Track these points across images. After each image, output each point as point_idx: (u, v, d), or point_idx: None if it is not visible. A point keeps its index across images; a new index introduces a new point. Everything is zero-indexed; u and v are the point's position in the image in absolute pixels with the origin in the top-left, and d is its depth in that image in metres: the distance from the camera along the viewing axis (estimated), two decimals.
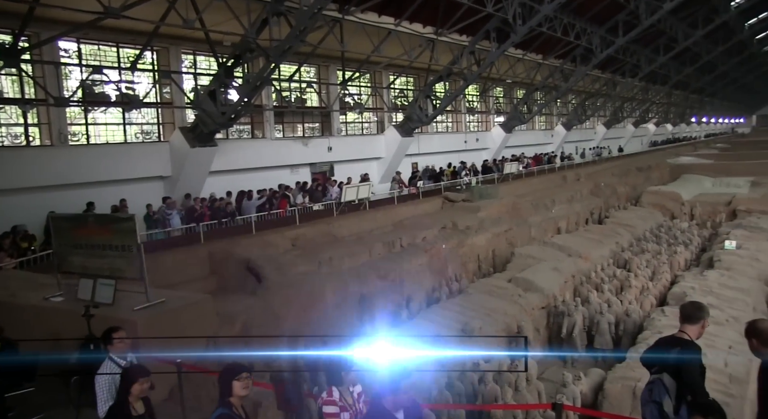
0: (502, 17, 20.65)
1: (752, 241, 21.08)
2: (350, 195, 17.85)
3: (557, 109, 37.81)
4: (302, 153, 20.77)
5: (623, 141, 48.00)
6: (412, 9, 18.96)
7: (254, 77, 15.49)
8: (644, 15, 26.13)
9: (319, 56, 20.36)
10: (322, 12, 14.84)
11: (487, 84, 29.29)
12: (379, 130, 24.75)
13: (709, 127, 76.17)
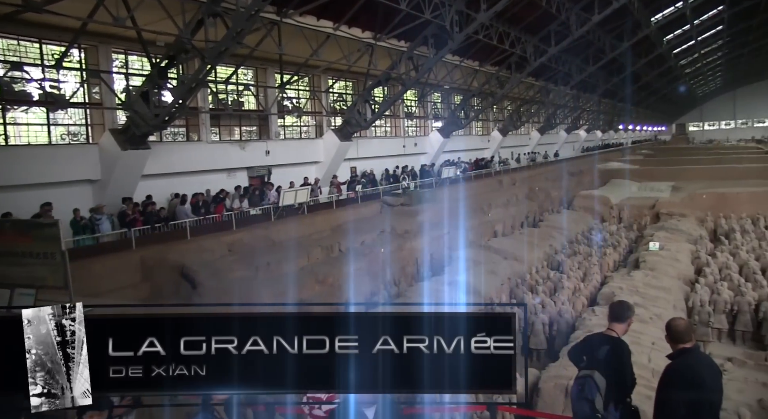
0: (439, 24, 20.91)
1: (673, 243, 22.15)
2: (289, 199, 17.65)
3: (493, 115, 38.62)
4: (239, 156, 20.35)
5: (556, 146, 49.50)
6: (351, 13, 18.95)
7: (189, 79, 15.07)
8: (575, 26, 27.11)
9: (257, 59, 20.04)
10: (259, 14, 14.62)
11: (425, 89, 29.59)
12: (318, 134, 24.58)
13: (635, 134, 79.59)
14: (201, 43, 14.37)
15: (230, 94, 20.95)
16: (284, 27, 17.78)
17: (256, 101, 21.50)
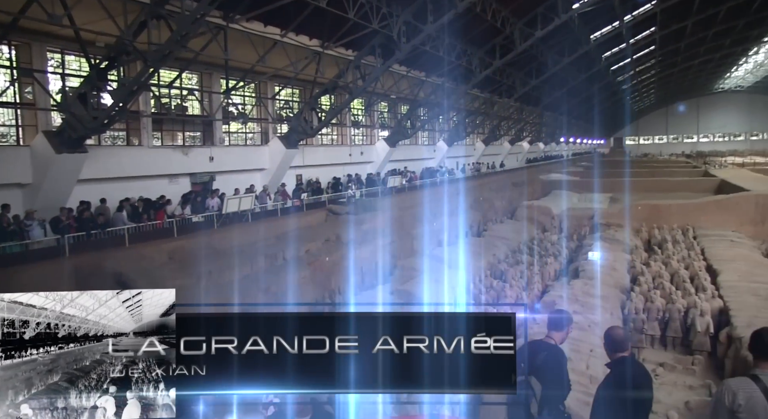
0: (387, 34, 21.11)
1: (611, 252, 22.92)
2: (232, 206, 17.37)
3: (439, 125, 39.16)
4: (182, 162, 19.89)
5: (500, 157, 50.55)
6: (298, 21, 18.89)
7: (130, 81, 14.66)
8: (519, 41, 27.88)
9: (202, 63, 19.70)
10: (205, 18, 14.41)
11: (372, 98, 29.76)
12: (264, 141, 24.31)
13: (575, 146, 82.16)
14: (143, 46, 14.00)
15: (174, 99, 20.50)
16: (230, 32, 17.55)
17: (201, 106, 21.11)
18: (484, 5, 23.85)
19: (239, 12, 17.03)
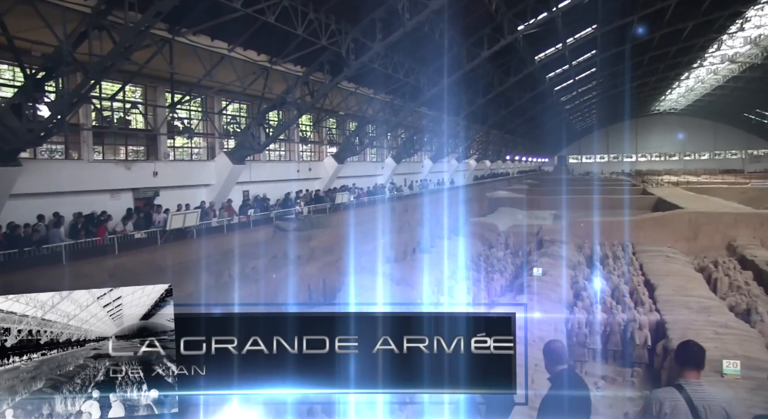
0: (335, 51, 21.22)
1: (555, 268, 23.45)
2: (177, 222, 16.99)
3: (388, 142, 39.44)
4: (124, 177, 19.34)
5: (448, 174, 51.20)
6: (246, 36, 18.80)
7: (70, 93, 14.22)
8: (465, 60, 28.48)
9: (147, 76, 19.26)
10: (150, 30, 14.16)
11: (320, 115, 29.76)
12: (210, 156, 23.91)
13: (521, 164, 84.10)
14: (84, 56, 13.63)
15: (116, 112, 19.95)
16: (176, 45, 17.32)
17: (145, 120, 20.63)
18: (432, 25, 24.28)
19: (186, 25, 16.84)
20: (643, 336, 16.85)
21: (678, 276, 21.70)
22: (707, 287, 21.18)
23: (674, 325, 16.09)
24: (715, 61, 60.53)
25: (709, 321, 16.15)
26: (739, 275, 22.88)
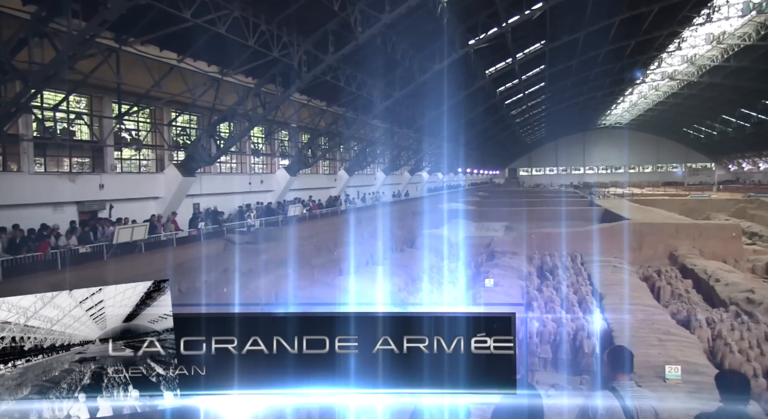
0: (287, 63, 21.14)
1: (506, 279, 23.81)
2: (124, 236, 16.51)
3: (340, 155, 39.43)
4: (69, 190, 18.67)
5: (401, 187, 51.50)
6: (196, 46, 18.55)
7: (8, 103, 13.71)
8: (418, 74, 28.81)
9: (92, 86, 18.71)
10: (95, 39, 13.80)
11: (272, 127, 29.54)
12: (159, 168, 23.38)
13: (473, 177, 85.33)
14: (24, 64, 13.17)
15: (59, 122, 19.31)
16: (124, 55, 16.93)
17: (90, 131, 20.03)
18: (384, 38, 24.49)
19: (133, 35, 16.49)
20: (591, 345, 17.23)
21: (624, 286, 22.30)
22: (651, 295, 21.87)
23: (621, 333, 16.51)
24: (656, 77, 63.08)
25: (653, 328, 16.67)
26: (680, 283, 23.74)
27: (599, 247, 29.21)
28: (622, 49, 42.12)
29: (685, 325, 17.77)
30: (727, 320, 17.77)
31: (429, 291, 22.69)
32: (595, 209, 42.82)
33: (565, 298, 21.78)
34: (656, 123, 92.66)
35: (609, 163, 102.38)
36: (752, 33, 43.45)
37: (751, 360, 14.59)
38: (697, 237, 29.50)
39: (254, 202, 27.37)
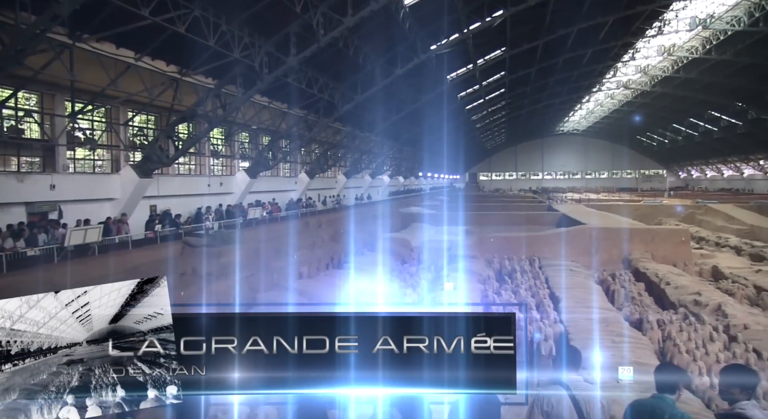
0: (249, 64, 20.93)
1: (465, 282, 24.02)
2: (77, 238, 16.04)
3: (301, 157, 39.21)
4: (16, 190, 18.03)
5: (362, 190, 51.51)
6: (154, 45, 18.19)
7: None
8: (379, 77, 28.87)
9: (43, 83, 18.15)
10: (46, 34, 13.39)
11: (232, 128, 29.19)
12: (114, 169, 22.81)
13: (434, 181, 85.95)
14: None
15: (7, 120, 18.63)
16: (79, 52, 16.47)
17: (41, 130, 19.40)
18: (346, 41, 24.48)
19: (88, 31, 16.06)
20: (549, 347, 17.51)
21: (580, 289, 22.77)
22: (606, 298, 22.37)
23: (577, 335, 16.84)
24: (611, 86, 64.80)
25: (607, 330, 17.04)
26: (633, 287, 24.36)
27: (556, 251, 29.77)
28: (579, 57, 43.14)
29: (637, 327, 18.25)
30: (676, 322, 18.32)
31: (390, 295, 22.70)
32: (553, 214, 43.61)
33: (524, 301, 22.09)
34: (612, 130, 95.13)
35: (566, 168, 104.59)
36: (699, 46, 45.25)
37: (697, 360, 15.07)
38: (649, 242, 30.35)
39: (213, 205, 26.95)
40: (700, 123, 70.20)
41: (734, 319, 17.81)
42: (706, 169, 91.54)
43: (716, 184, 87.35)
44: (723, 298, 20.76)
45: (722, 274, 26.86)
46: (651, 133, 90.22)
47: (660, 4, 34.65)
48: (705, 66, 48.70)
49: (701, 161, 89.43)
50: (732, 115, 61.90)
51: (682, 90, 58.12)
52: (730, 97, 55.47)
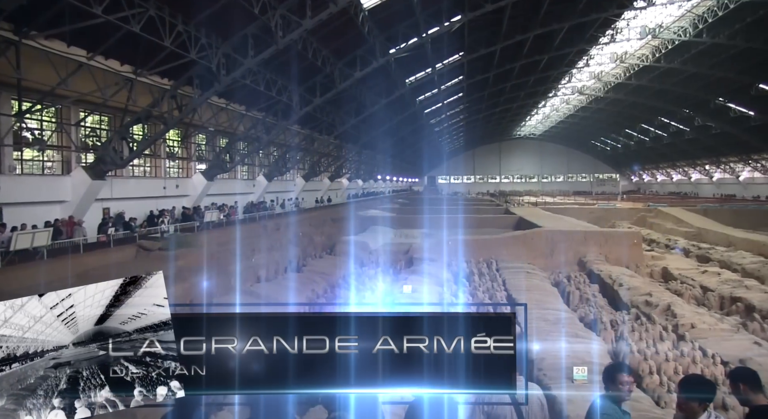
0: (206, 65, 20.63)
1: (424, 285, 24.15)
2: (23, 242, 15.51)
3: (259, 160, 38.83)
4: None
5: (320, 193, 51.31)
6: (108, 44, 17.75)
7: None
8: (338, 80, 28.85)
9: None
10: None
11: (189, 130, 28.70)
12: (65, 170, 22.15)
13: (393, 184, 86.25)
14: None
15: None
16: (26, 49, 15.94)
17: None
18: (305, 44, 24.38)
19: (36, 28, 15.56)
20: None
21: (537, 291, 23.17)
22: (561, 300, 22.80)
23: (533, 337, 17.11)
24: (567, 92, 66.31)
25: (563, 331, 17.39)
26: (587, 288, 24.91)
27: (514, 254, 30.23)
28: (535, 63, 44.01)
29: (591, 328, 18.67)
30: (628, 322, 18.83)
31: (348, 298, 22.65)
32: (510, 217, 44.25)
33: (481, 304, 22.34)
34: (567, 135, 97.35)
35: (523, 172, 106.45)
36: (649, 55, 46.83)
37: (648, 359, 15.51)
38: (603, 244, 31.09)
39: (169, 207, 26.42)
40: (651, 128, 72.52)
41: (682, 319, 18.41)
42: (657, 174, 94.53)
43: (666, 187, 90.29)
44: (672, 299, 21.43)
45: (671, 275, 27.72)
46: (605, 138, 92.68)
47: (612, 13, 35.59)
48: (655, 73, 50.44)
49: (652, 165, 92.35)
50: (680, 122, 64.19)
51: (634, 96, 60.00)
52: (678, 104, 57.54)
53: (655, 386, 14.14)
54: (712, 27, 36.72)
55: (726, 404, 11.84)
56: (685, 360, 15.20)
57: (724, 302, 22.58)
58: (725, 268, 28.46)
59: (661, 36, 41.37)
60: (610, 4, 33.57)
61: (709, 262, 30.90)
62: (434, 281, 25.56)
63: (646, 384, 14.35)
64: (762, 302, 20.61)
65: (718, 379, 13.62)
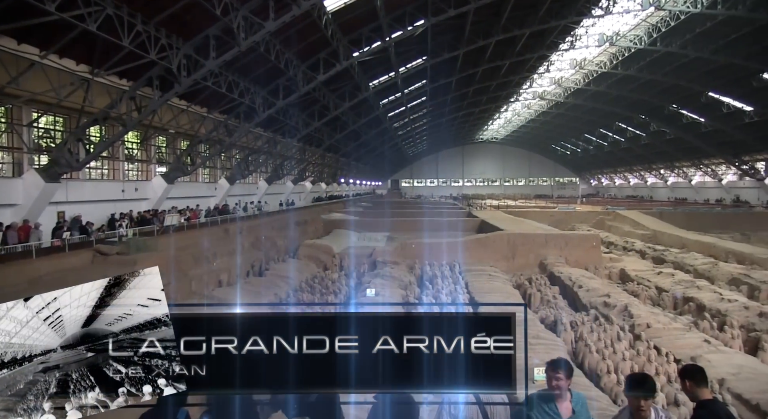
0: (166, 66, 20.28)
1: (387, 288, 24.19)
2: None
3: (221, 163, 38.32)
4: None
5: (283, 196, 50.89)
6: (62, 43, 17.29)
7: None
8: (301, 83, 28.70)
9: None
10: None
11: (148, 132, 28.14)
12: (17, 172, 21.44)
13: (356, 187, 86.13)
14: None
15: None
16: None
17: None
18: (268, 46, 24.18)
19: None
20: None
21: (499, 293, 23.43)
22: (523, 302, 23.09)
23: None
24: (528, 96, 67.38)
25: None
26: (548, 290, 25.31)
27: (476, 256, 30.52)
28: (497, 68, 44.60)
29: (552, 329, 18.96)
30: (587, 323, 19.19)
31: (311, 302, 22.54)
32: (472, 220, 44.67)
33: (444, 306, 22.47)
34: (528, 139, 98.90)
35: (486, 175, 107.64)
36: (607, 61, 48.05)
37: (606, 358, 15.84)
38: (563, 247, 31.65)
39: (127, 211, 25.83)
40: (609, 133, 74.24)
41: (638, 319, 18.87)
42: (615, 177, 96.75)
43: (624, 191, 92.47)
44: (629, 299, 21.95)
45: (629, 277, 28.40)
46: (565, 142, 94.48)
47: (571, 20, 36.31)
48: (612, 80, 51.73)
49: (610, 170, 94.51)
50: (636, 127, 65.97)
51: (593, 102, 61.34)
52: (635, 109, 59.15)
53: (612, 385, 14.44)
54: (666, 36, 37.92)
55: (678, 400, 12.21)
56: (641, 359, 15.56)
57: (677, 302, 23.24)
58: (678, 269, 29.30)
59: (618, 43, 42.46)
60: (570, 12, 34.26)
61: (664, 264, 31.75)
62: (397, 284, 25.62)
63: (603, 383, 14.65)
64: (712, 302, 21.29)
65: (671, 377, 14.01)
